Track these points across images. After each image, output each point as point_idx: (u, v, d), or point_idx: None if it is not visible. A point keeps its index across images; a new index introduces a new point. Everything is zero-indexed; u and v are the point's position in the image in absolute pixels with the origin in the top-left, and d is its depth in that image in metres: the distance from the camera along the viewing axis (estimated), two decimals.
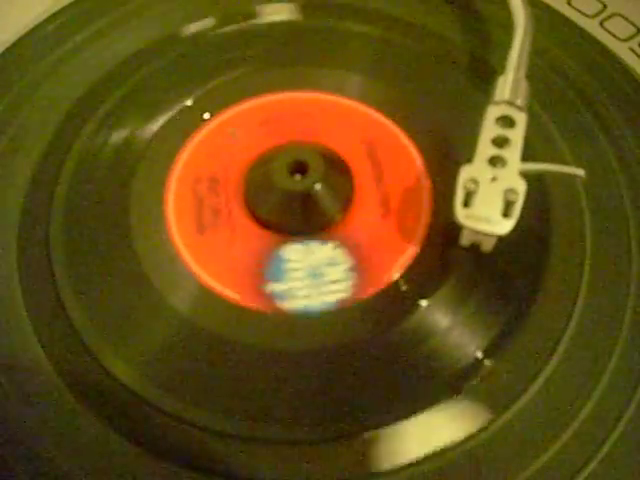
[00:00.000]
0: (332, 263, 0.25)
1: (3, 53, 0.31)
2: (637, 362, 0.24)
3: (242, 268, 0.25)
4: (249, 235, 0.26)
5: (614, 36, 0.32)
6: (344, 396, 0.23)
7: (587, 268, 0.25)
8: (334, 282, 0.25)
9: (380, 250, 0.25)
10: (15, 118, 0.29)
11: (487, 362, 0.23)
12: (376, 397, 0.23)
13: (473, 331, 0.24)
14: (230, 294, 0.25)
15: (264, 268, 0.25)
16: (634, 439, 0.22)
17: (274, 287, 0.25)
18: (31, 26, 0.32)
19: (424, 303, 0.24)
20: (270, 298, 0.25)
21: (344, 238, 0.26)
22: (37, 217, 0.27)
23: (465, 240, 0.24)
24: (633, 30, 0.32)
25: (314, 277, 0.25)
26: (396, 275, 0.25)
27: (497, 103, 0.26)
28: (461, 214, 0.23)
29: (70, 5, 0.33)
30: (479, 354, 0.24)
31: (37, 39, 0.32)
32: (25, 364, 0.24)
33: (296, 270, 0.25)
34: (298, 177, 0.26)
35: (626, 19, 0.32)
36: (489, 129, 0.25)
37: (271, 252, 0.25)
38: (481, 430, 0.22)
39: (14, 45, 0.32)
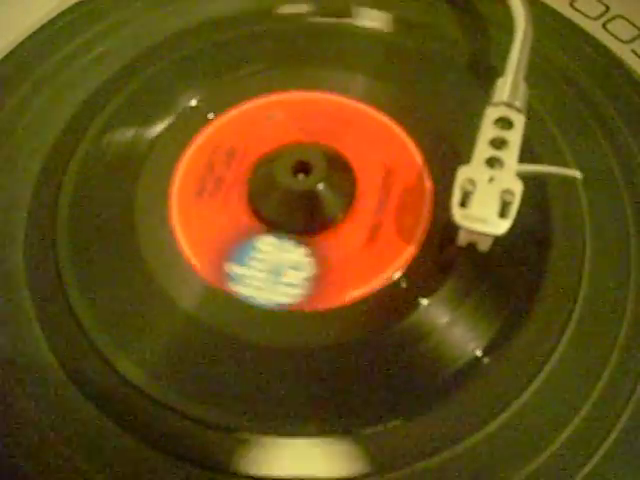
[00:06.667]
0: (295, 267, 0.25)
1: (7, 55, 0.31)
2: (637, 362, 0.24)
3: (215, 241, 0.26)
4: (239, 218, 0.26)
5: (617, 38, 0.32)
6: (343, 394, 0.23)
7: (586, 268, 0.26)
8: (288, 285, 0.25)
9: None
10: (20, 120, 0.29)
11: (486, 360, 0.24)
12: (375, 395, 0.23)
13: (473, 330, 0.24)
14: (195, 262, 0.25)
15: (233, 248, 0.26)
16: (633, 439, 0.23)
17: (233, 268, 0.25)
18: (35, 28, 0.32)
19: (424, 302, 0.25)
20: (225, 277, 0.25)
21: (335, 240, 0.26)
22: (43, 217, 0.27)
23: (462, 240, 0.24)
24: (636, 32, 0.32)
25: (273, 273, 0.25)
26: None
27: (496, 104, 0.26)
28: (458, 214, 0.23)
29: (73, 7, 0.33)
30: (479, 352, 0.24)
31: (41, 41, 0.32)
32: (32, 363, 0.24)
33: (260, 261, 0.25)
34: (301, 177, 0.26)
35: (629, 21, 0.32)
36: (487, 130, 0.25)
37: (247, 237, 0.26)
38: (480, 429, 0.23)
39: (18, 47, 0.32)
